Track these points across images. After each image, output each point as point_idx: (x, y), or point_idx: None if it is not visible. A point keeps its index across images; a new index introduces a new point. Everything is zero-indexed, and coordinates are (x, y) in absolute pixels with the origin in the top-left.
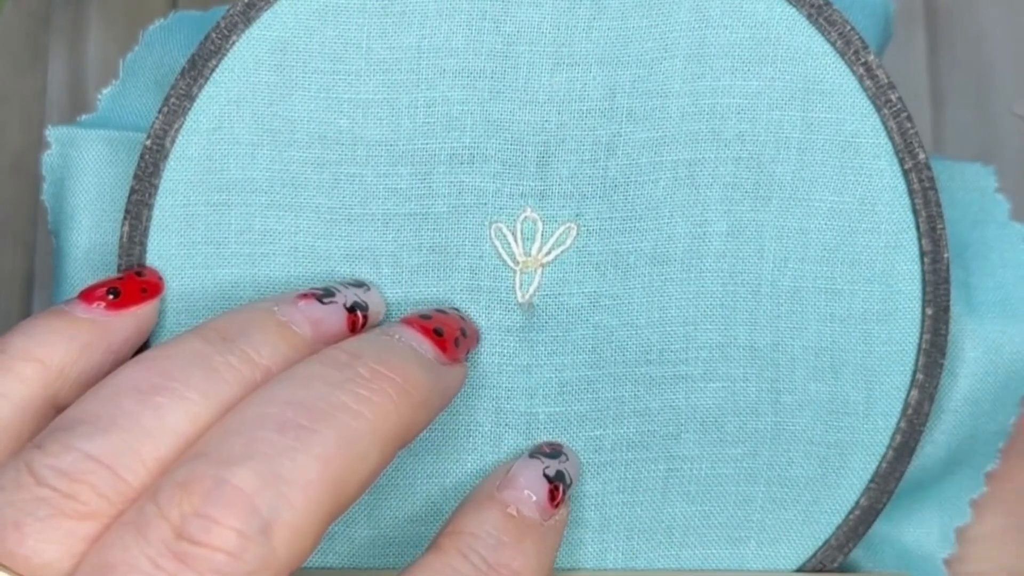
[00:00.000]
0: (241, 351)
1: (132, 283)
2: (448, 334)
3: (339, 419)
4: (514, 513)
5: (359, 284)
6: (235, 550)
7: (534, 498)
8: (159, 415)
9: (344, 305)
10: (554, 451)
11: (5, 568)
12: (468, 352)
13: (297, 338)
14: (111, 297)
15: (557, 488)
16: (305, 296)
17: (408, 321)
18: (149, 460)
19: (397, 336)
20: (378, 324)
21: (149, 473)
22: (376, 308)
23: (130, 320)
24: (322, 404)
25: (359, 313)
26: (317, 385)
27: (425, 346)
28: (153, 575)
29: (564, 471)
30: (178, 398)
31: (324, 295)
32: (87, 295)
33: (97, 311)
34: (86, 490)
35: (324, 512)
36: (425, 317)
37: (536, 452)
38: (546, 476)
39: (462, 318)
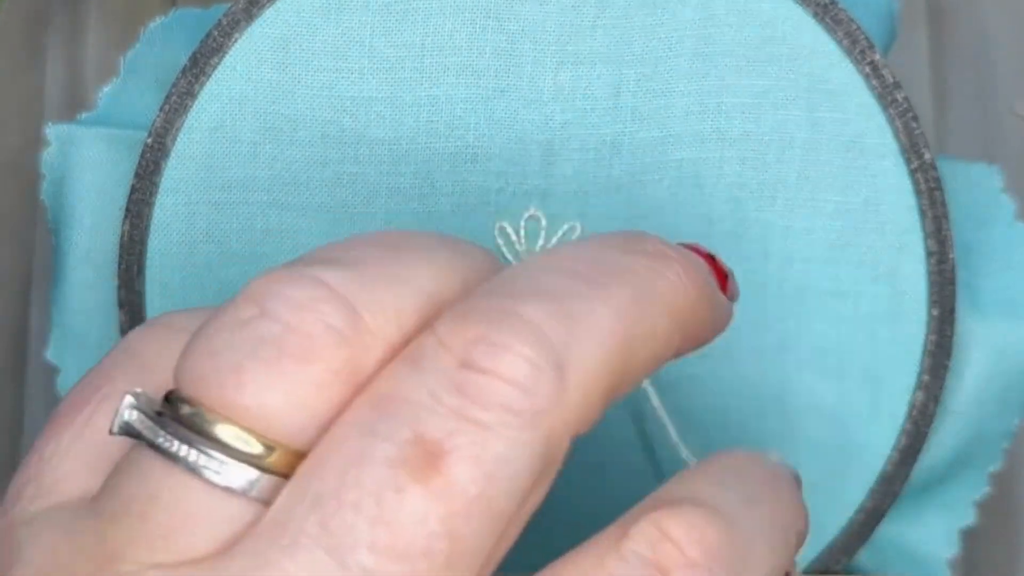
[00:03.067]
0: None
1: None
2: (721, 265)
3: (632, 279)
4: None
5: None
6: (526, 381)
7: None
8: (409, 267)
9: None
10: None
11: (228, 420)
12: (732, 297)
13: None
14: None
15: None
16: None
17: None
18: (390, 306)
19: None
20: None
21: (388, 321)
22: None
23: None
24: (612, 264)
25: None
26: (604, 249)
27: (701, 262)
28: (433, 409)
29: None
30: (428, 260)
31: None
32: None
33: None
34: (315, 322)
35: (612, 375)
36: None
37: None
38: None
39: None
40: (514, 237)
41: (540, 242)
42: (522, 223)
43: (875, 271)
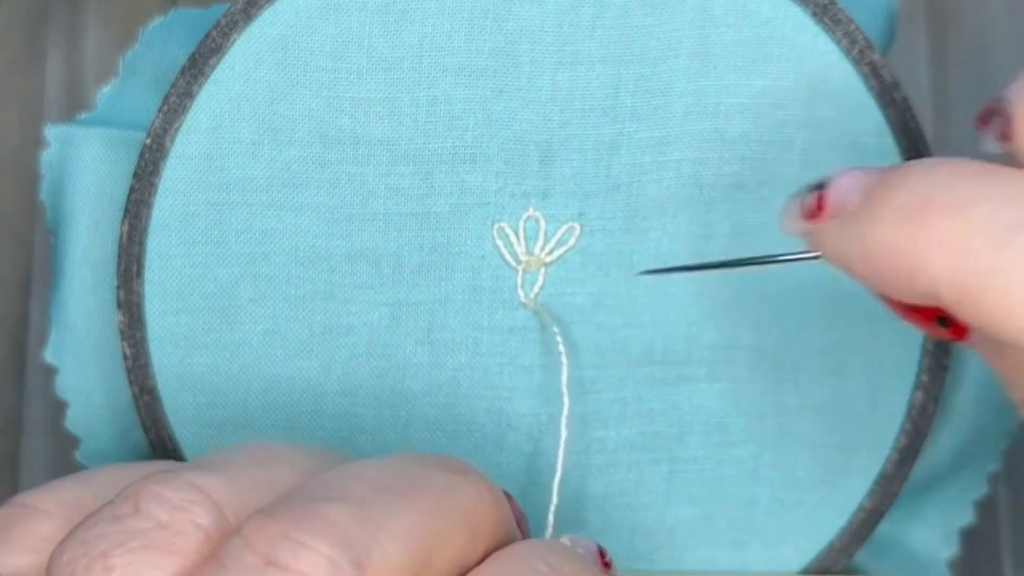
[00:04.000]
0: None
1: None
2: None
3: (431, 489)
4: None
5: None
6: None
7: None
8: (273, 473)
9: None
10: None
11: None
12: None
13: None
14: None
15: (605, 554)
16: None
17: None
18: (252, 508)
19: None
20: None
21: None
22: None
23: None
24: (413, 475)
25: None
26: (407, 462)
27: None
28: None
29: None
30: (289, 463)
31: None
32: None
33: None
34: (185, 521)
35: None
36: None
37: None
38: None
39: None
40: (513, 238)
41: (539, 242)
42: (521, 223)
43: None
